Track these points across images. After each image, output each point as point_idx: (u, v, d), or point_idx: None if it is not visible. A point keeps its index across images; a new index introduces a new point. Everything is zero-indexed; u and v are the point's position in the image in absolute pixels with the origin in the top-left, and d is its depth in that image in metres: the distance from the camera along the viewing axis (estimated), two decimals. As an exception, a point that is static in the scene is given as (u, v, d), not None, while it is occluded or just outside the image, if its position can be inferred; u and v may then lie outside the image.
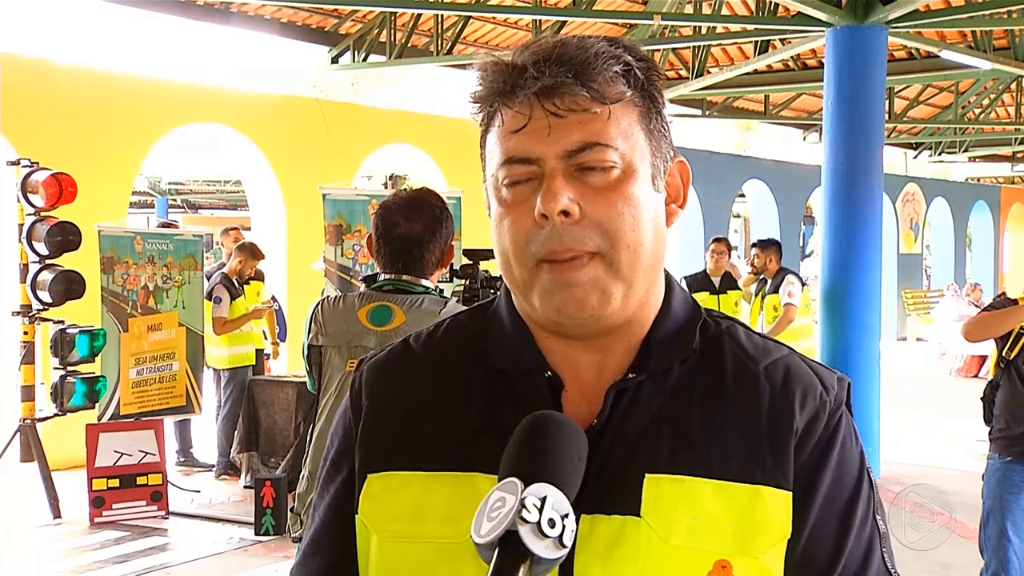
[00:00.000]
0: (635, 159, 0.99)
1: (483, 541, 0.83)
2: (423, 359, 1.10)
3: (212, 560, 5.99)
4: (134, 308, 7.28)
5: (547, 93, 0.97)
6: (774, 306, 8.02)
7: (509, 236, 1.00)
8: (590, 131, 0.97)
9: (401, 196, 2.98)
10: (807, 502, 1.00)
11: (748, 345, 1.06)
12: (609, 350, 1.03)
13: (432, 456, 1.03)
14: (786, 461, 1.00)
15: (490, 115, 1.02)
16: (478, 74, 1.02)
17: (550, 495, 0.84)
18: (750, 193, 18.06)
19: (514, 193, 0.99)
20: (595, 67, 0.97)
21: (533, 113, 0.98)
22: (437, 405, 1.06)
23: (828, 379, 1.05)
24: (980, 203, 23.86)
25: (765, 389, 1.02)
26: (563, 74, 0.96)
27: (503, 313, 1.09)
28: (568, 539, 0.84)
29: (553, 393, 1.03)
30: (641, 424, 1.00)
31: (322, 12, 10.78)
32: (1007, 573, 4.31)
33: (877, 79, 8.21)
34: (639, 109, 1.01)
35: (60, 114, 8.62)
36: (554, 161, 0.97)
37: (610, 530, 0.96)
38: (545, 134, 0.97)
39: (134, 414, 7.11)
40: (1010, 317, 4.35)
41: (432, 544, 0.99)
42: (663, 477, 0.98)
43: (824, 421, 1.02)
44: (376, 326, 2.84)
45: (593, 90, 0.97)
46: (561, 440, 0.91)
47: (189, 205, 25.70)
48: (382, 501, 1.04)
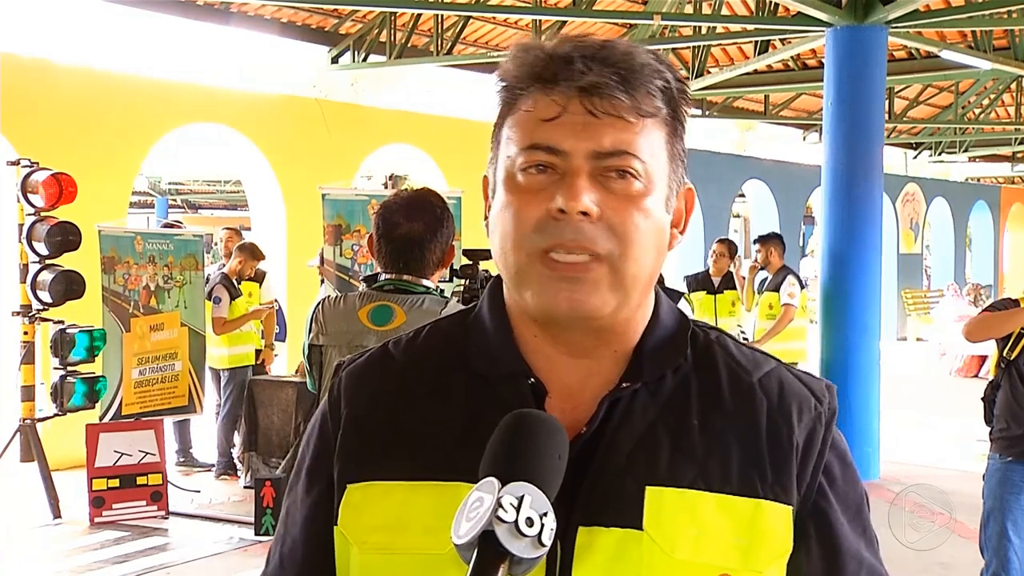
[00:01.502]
0: (656, 176, 0.99)
1: (461, 542, 0.83)
2: (403, 365, 1.08)
3: (212, 560, 5.99)
4: (136, 308, 7.29)
5: (589, 91, 0.95)
6: (769, 304, 8.00)
7: (513, 222, 0.97)
8: (622, 139, 0.96)
9: (402, 196, 2.98)
10: (822, 517, 1.01)
11: (739, 356, 1.06)
12: (596, 357, 1.02)
13: (413, 465, 1.00)
14: (787, 476, 0.99)
15: (516, 97, 1.00)
16: (514, 53, 1.00)
17: (528, 494, 0.84)
18: (750, 193, 18.05)
19: (529, 180, 0.97)
20: (640, 77, 0.96)
21: (569, 107, 0.96)
22: (418, 413, 1.03)
23: (818, 389, 1.05)
24: (980, 203, 23.86)
25: (762, 401, 1.02)
26: (609, 75, 0.95)
27: (485, 317, 1.07)
28: (547, 538, 0.83)
29: (536, 399, 1.00)
30: (637, 434, 0.99)
31: (322, 12, 10.78)
32: (1007, 573, 4.31)
33: (877, 79, 8.21)
34: (667, 129, 1.00)
35: (60, 114, 8.62)
36: (581, 159, 0.96)
37: (610, 543, 0.95)
38: (578, 129, 0.96)
39: (136, 414, 7.10)
40: (1013, 318, 4.35)
41: (414, 556, 0.97)
42: (665, 489, 0.96)
43: (821, 434, 1.03)
44: (377, 326, 2.84)
45: (634, 99, 0.96)
46: (541, 438, 0.89)
47: (189, 205, 25.69)
48: (362, 512, 1.01)
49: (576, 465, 0.93)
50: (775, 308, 7.94)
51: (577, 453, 0.94)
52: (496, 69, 1.03)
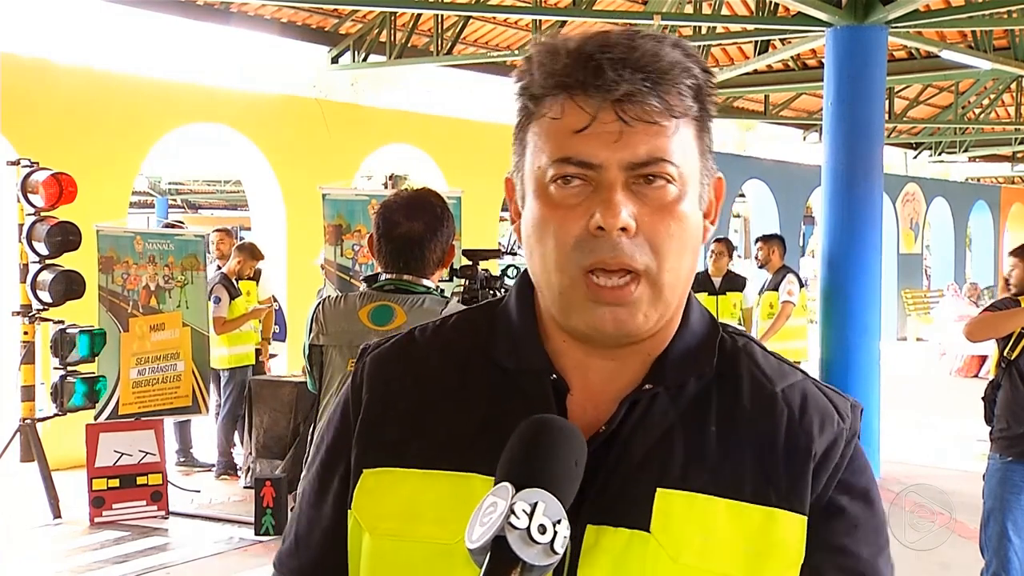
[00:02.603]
0: (689, 176, 0.97)
1: (474, 546, 0.83)
2: (428, 354, 1.08)
3: (212, 560, 5.99)
4: (135, 308, 7.27)
5: (623, 99, 0.92)
6: (771, 303, 8.03)
7: (553, 241, 0.95)
8: (656, 145, 0.93)
9: (402, 196, 2.99)
10: (822, 527, 0.98)
11: (765, 365, 1.04)
12: (625, 359, 1.01)
13: (429, 454, 1.01)
14: (803, 485, 0.97)
15: (540, 101, 0.96)
16: (535, 55, 0.97)
17: (542, 500, 0.83)
18: (750, 193, 18.05)
19: (563, 194, 0.95)
20: (671, 78, 0.93)
21: (600, 115, 0.92)
22: (438, 402, 1.04)
23: (842, 406, 1.03)
24: (980, 203, 23.86)
25: (783, 411, 1.00)
26: (640, 82, 0.92)
27: (512, 310, 1.06)
28: (560, 546, 0.83)
29: (558, 396, 1.00)
30: (653, 437, 0.98)
31: (322, 12, 10.78)
32: (1007, 573, 4.32)
33: (877, 79, 8.21)
34: (697, 124, 0.98)
35: (60, 114, 8.61)
36: (616, 171, 0.93)
37: (616, 543, 0.94)
38: (612, 140, 0.93)
39: (134, 414, 7.10)
40: (1014, 318, 4.36)
41: (424, 544, 0.98)
42: (675, 493, 0.95)
43: (841, 449, 1.00)
44: (377, 326, 2.84)
45: (666, 102, 0.93)
46: (559, 444, 0.89)
47: (189, 205, 25.68)
48: (376, 498, 1.02)
49: (591, 464, 0.92)
50: (776, 307, 7.96)
51: (593, 452, 0.93)
52: (496, 69, 1.02)
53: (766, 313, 8.03)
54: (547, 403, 0.99)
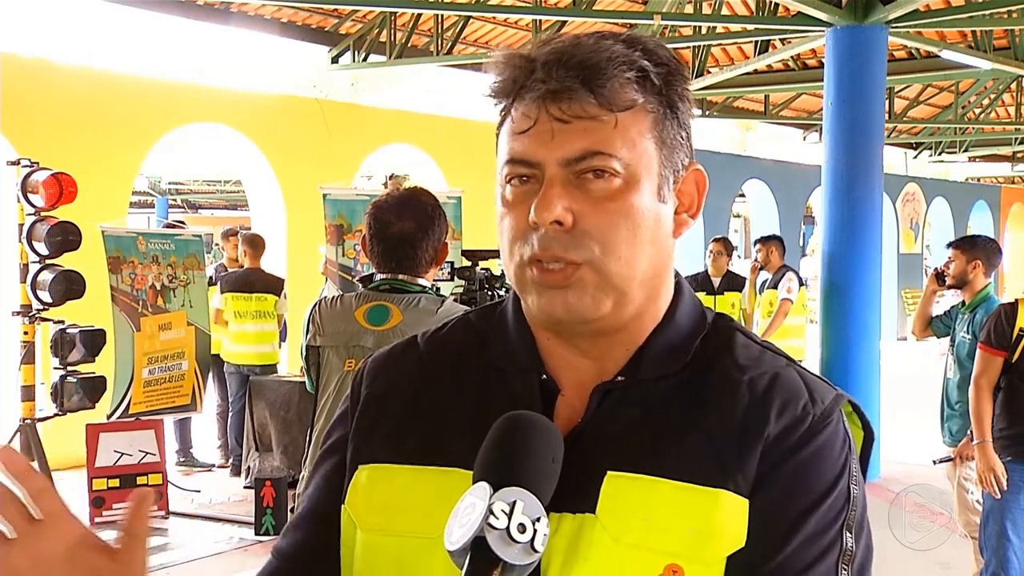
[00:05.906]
0: (640, 169, 0.97)
1: (454, 548, 0.83)
2: (425, 354, 1.11)
3: (212, 560, 6.00)
4: (144, 307, 7.31)
5: (553, 98, 0.95)
6: (770, 301, 8.04)
7: (507, 235, 1.00)
8: (594, 139, 0.95)
9: (393, 195, 2.99)
10: (756, 504, 0.94)
11: (741, 355, 1.02)
12: (608, 355, 1.02)
13: (419, 450, 1.03)
14: (750, 467, 0.95)
15: (502, 109, 1.01)
16: (493, 68, 1.00)
17: (520, 499, 0.83)
18: (750, 193, 18.05)
19: (515, 192, 0.99)
20: (606, 72, 0.94)
21: (539, 116, 0.96)
22: (431, 399, 1.06)
23: (821, 393, 0.99)
24: (980, 203, 23.85)
25: (744, 396, 0.98)
26: (571, 79, 0.94)
27: (509, 313, 1.09)
28: (540, 544, 0.83)
29: (547, 395, 1.01)
30: (621, 426, 0.98)
31: (322, 12, 10.78)
32: (1007, 573, 4.31)
33: (877, 79, 8.21)
34: (653, 116, 0.98)
35: (60, 114, 8.62)
36: (554, 168, 0.96)
37: (571, 528, 0.95)
38: (548, 139, 0.95)
39: (140, 413, 7.11)
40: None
41: (409, 539, 0.99)
42: (622, 476, 0.95)
43: (800, 432, 0.96)
44: (373, 326, 2.85)
45: (601, 96, 0.94)
46: (532, 441, 0.89)
47: (189, 205, 25.70)
48: (367, 493, 1.04)
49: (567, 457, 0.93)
50: (775, 305, 7.96)
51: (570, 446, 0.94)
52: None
53: (766, 312, 8.04)
54: (534, 401, 1.00)
